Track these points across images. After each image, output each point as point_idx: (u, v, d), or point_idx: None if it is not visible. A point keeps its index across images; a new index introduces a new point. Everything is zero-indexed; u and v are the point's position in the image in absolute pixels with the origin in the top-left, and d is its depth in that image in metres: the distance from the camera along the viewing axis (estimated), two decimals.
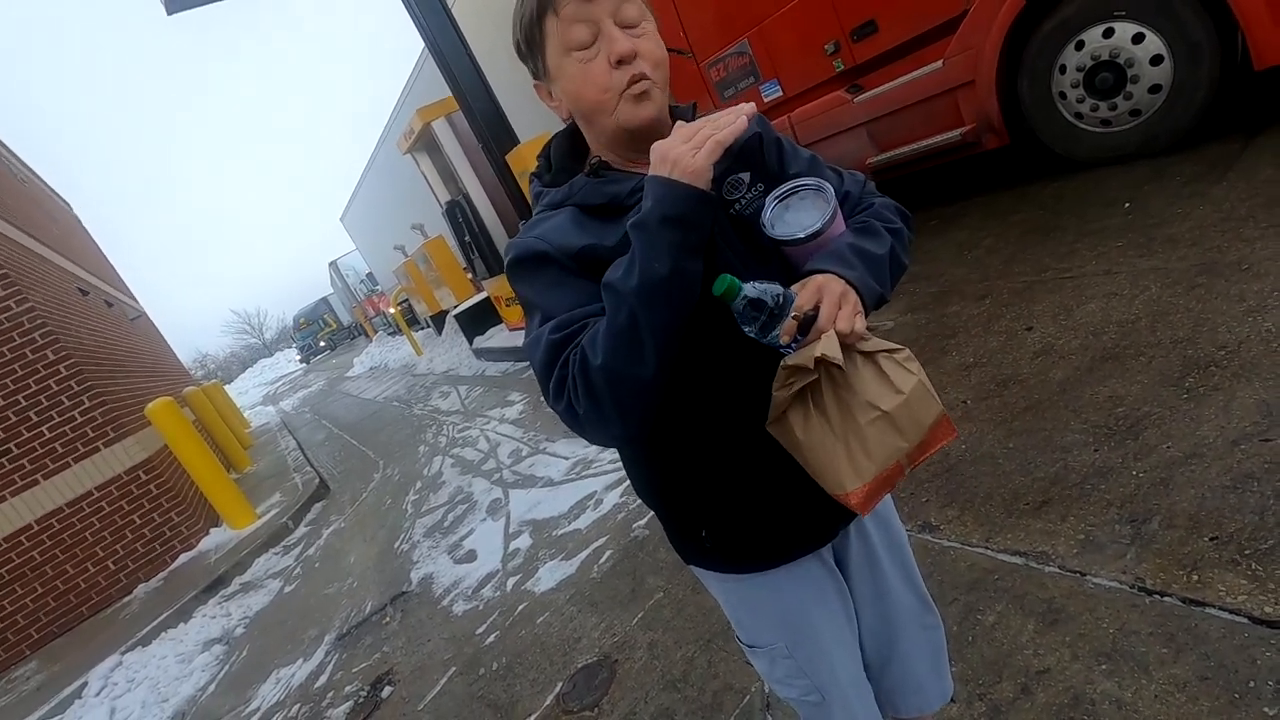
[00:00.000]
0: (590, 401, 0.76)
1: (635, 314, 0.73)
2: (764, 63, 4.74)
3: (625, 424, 0.78)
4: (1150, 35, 3.17)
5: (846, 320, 0.76)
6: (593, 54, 0.80)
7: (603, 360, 0.73)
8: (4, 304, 5.49)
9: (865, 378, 0.78)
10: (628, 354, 0.73)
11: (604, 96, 0.82)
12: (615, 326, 0.74)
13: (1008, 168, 4.49)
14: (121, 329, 9.68)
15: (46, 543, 5.49)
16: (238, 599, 4.76)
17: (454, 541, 3.94)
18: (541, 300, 0.84)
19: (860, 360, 0.79)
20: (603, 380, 0.74)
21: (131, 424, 6.17)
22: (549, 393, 0.80)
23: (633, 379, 0.74)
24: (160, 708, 3.62)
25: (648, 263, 0.73)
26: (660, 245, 0.73)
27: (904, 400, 0.77)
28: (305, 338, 40.20)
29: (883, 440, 0.77)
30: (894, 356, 0.80)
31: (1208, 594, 1.43)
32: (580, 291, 0.81)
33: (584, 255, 0.82)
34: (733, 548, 0.97)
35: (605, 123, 0.84)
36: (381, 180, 18.47)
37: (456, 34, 5.65)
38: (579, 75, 0.82)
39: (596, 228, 0.84)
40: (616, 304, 0.74)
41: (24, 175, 10.41)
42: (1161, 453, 1.83)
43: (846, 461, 0.78)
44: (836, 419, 0.78)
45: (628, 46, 0.79)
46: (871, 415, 0.77)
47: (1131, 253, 2.78)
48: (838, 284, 0.78)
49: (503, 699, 2.38)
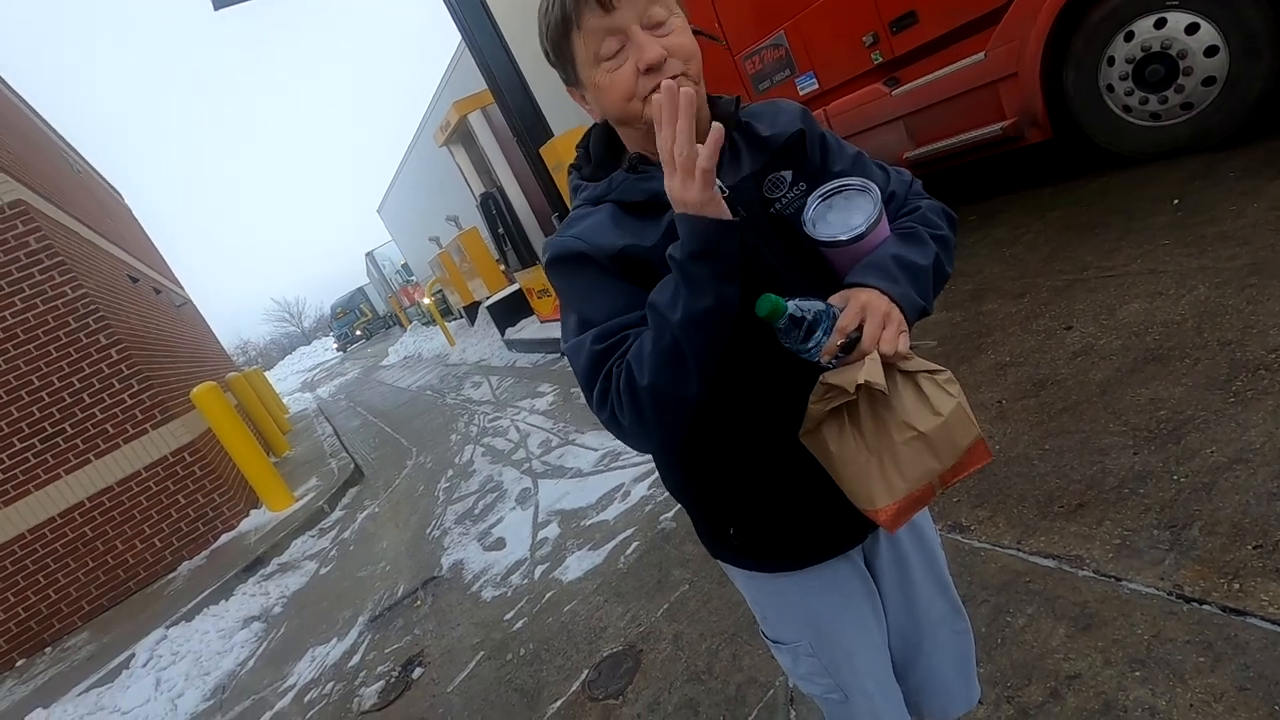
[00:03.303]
0: (635, 416, 0.77)
1: (679, 339, 0.74)
2: (800, 55, 4.68)
3: (668, 438, 0.80)
4: (1205, 25, 3.05)
5: (890, 343, 0.76)
6: (620, 62, 0.79)
7: (649, 380, 0.75)
8: (60, 290, 5.72)
9: (904, 397, 0.78)
10: (672, 375, 0.75)
11: (631, 104, 0.80)
12: (660, 349, 0.75)
13: (1050, 162, 4.37)
14: (168, 315, 10.01)
15: (98, 519, 5.73)
16: (276, 579, 4.92)
17: (484, 529, 4.01)
18: (580, 303, 0.84)
19: (900, 379, 0.78)
20: (648, 398, 0.76)
21: (177, 407, 6.40)
22: (592, 400, 0.82)
23: (678, 398, 0.76)
24: (202, 680, 3.77)
25: (690, 295, 0.73)
26: (698, 280, 0.73)
27: (942, 423, 0.77)
28: (342, 326, 41.09)
29: (917, 461, 0.77)
30: (935, 378, 0.79)
31: (1249, 603, 1.39)
32: (619, 295, 0.82)
33: (623, 256, 0.82)
34: (759, 547, 0.98)
35: (638, 125, 0.83)
36: (418, 172, 18.74)
37: (493, 27, 5.70)
38: (607, 85, 0.81)
39: (635, 226, 0.83)
40: (660, 327, 0.75)
41: (80, 167, 10.81)
42: (1205, 458, 1.78)
43: (879, 478, 0.78)
44: (871, 435, 0.78)
45: (656, 53, 0.77)
46: (908, 435, 0.77)
47: (1179, 251, 2.69)
48: (882, 302, 0.77)
49: (529, 684, 2.42)
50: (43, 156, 8.12)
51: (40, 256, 5.66)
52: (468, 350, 11.71)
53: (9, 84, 9.02)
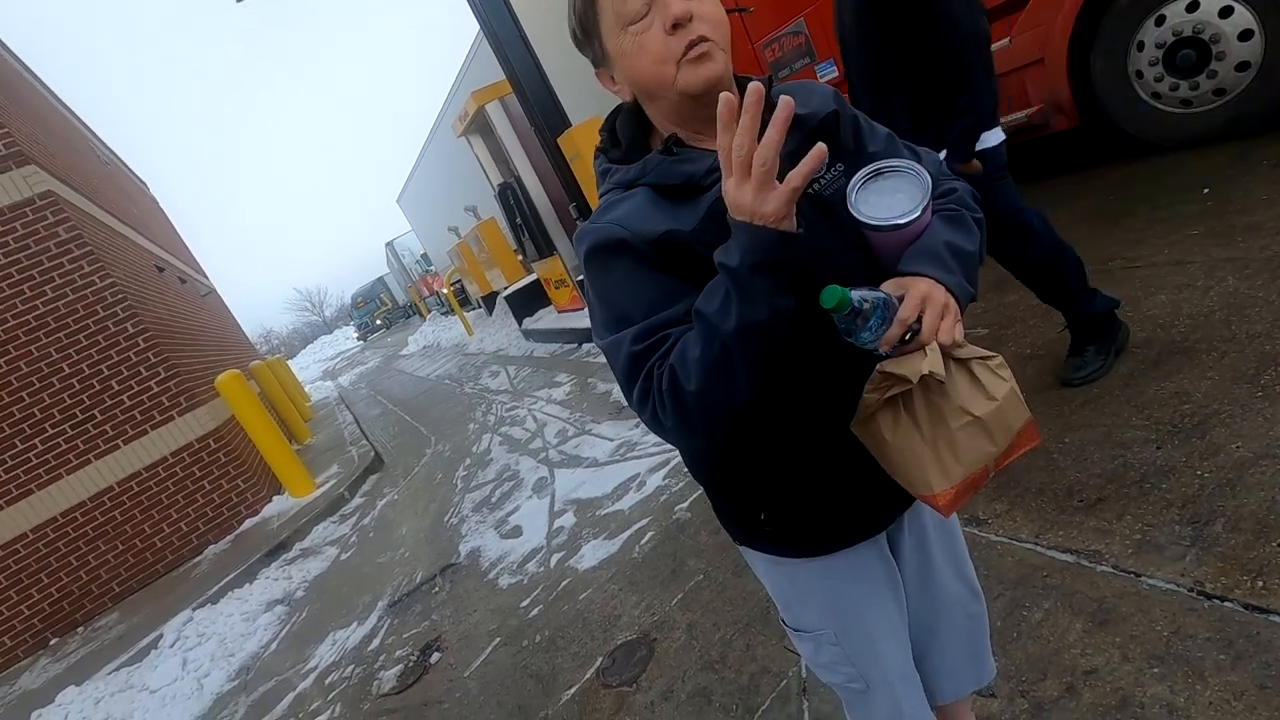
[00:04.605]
0: (679, 419, 0.77)
1: (731, 350, 0.72)
2: (820, 42, 4.62)
3: (713, 441, 0.80)
4: (1239, 8, 2.96)
5: (948, 333, 0.76)
6: (648, 24, 0.77)
7: (697, 387, 0.74)
8: (89, 279, 5.84)
9: (959, 383, 0.79)
10: (722, 384, 0.74)
11: (662, 68, 0.78)
12: (710, 358, 0.73)
13: (1076, 151, 4.28)
14: (193, 304, 10.19)
15: (126, 503, 5.87)
16: (298, 563, 5.01)
17: (501, 517, 4.05)
18: (617, 296, 0.82)
19: (954, 366, 0.80)
20: (696, 404, 0.75)
21: (203, 395, 6.52)
22: (631, 399, 0.81)
23: (726, 405, 0.75)
24: (227, 662, 3.86)
25: (744, 308, 0.71)
26: (756, 292, 0.70)
27: (996, 407, 0.79)
28: (362, 316, 41.53)
29: (973, 444, 0.79)
30: (988, 364, 0.81)
31: (1273, 601, 1.37)
32: (657, 289, 0.80)
33: (663, 242, 0.79)
34: (790, 533, 0.97)
35: (668, 95, 0.81)
36: (437, 162, 18.80)
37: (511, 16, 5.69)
38: (634, 49, 0.79)
39: (672, 210, 0.81)
40: (710, 336, 0.73)
41: (107, 158, 11.00)
42: (1230, 453, 1.74)
43: (934, 464, 0.79)
44: (926, 422, 0.79)
45: (682, 8, 0.76)
46: (964, 420, 0.78)
47: (1208, 241, 2.63)
48: (940, 293, 0.77)
49: (544, 670, 2.45)
50: (71, 148, 8.28)
51: (70, 246, 5.78)
52: (486, 340, 11.79)
53: (39, 76, 9.18)
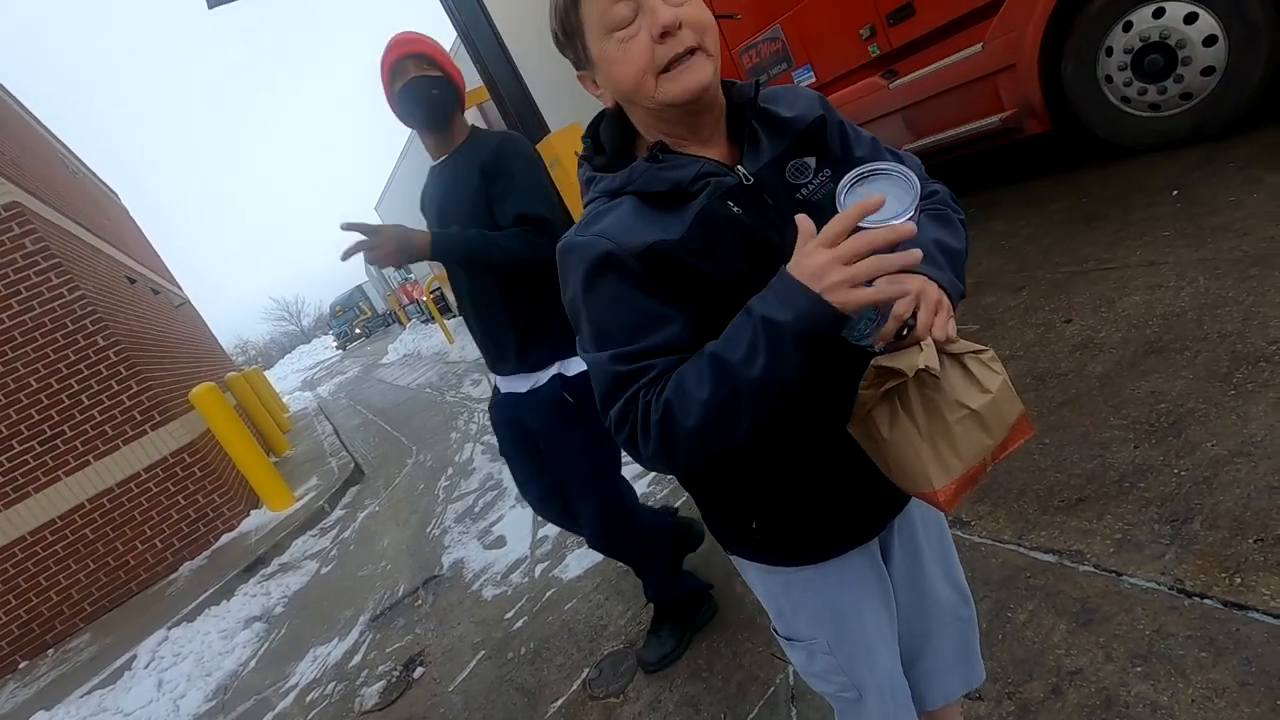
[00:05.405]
0: (662, 449, 0.76)
1: (743, 398, 0.72)
2: (797, 48, 4.66)
3: (692, 467, 0.79)
4: (1204, 15, 3.03)
5: (942, 328, 0.76)
6: (633, 31, 0.75)
7: (695, 426, 0.73)
8: (57, 292, 5.71)
9: (953, 378, 0.80)
10: (723, 426, 0.73)
11: (644, 79, 0.77)
12: (718, 401, 0.72)
13: (1049, 154, 4.35)
14: (166, 316, 10.00)
15: (98, 521, 5.73)
16: (277, 579, 4.92)
17: (484, 527, 4.01)
18: (597, 313, 0.81)
19: (947, 361, 0.80)
20: (688, 440, 0.74)
21: (176, 408, 6.38)
22: (607, 416, 0.80)
23: (720, 442, 0.75)
24: (204, 681, 3.77)
25: (774, 365, 0.70)
26: (792, 358, 0.70)
27: (991, 399, 0.79)
28: (341, 325, 41.07)
29: (970, 438, 0.79)
30: (980, 357, 0.81)
31: (1251, 598, 1.38)
32: (639, 311, 0.79)
33: (650, 254, 0.78)
34: (782, 541, 0.96)
35: (649, 106, 0.80)
36: (415, 168, 18.68)
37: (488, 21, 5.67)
38: (619, 57, 0.77)
39: (659, 219, 0.80)
40: (723, 379, 0.72)
41: (75, 168, 10.78)
42: (1205, 451, 1.77)
43: (933, 459, 0.79)
44: (922, 418, 0.79)
45: (670, 16, 0.74)
46: (960, 414, 0.79)
47: (1179, 243, 2.68)
48: (933, 289, 0.77)
49: (530, 683, 2.42)
50: (38, 158, 8.09)
51: (36, 259, 5.65)
52: (466, 348, 11.70)
53: (4, 86, 8.98)
